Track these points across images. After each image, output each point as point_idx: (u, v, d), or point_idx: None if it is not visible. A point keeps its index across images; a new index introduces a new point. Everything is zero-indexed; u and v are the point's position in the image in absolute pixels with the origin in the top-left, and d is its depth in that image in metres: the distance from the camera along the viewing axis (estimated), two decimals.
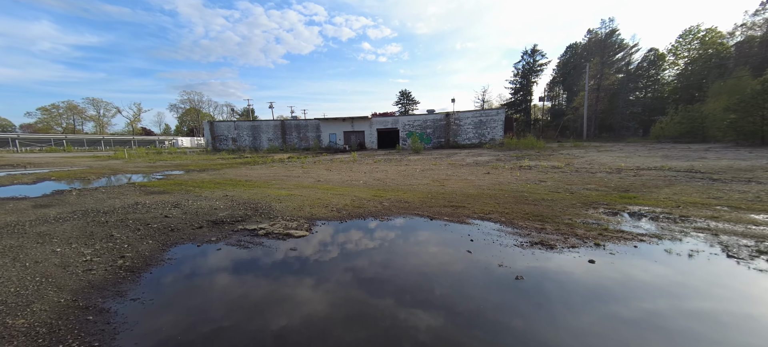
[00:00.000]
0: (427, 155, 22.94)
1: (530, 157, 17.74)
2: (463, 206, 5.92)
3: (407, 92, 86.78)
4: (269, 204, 6.51)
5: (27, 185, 10.88)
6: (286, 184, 10.04)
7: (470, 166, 14.42)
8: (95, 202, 7.36)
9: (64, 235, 4.61)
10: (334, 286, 3.07)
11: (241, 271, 3.44)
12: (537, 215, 5.17)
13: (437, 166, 14.88)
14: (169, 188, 9.40)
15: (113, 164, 20.43)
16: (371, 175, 12.04)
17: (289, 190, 8.67)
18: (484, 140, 32.82)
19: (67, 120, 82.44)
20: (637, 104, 38.22)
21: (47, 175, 13.87)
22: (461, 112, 35.08)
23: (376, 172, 13.10)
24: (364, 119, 40.74)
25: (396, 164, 16.48)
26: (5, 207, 6.86)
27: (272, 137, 46.37)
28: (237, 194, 7.98)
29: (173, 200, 7.36)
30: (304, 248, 4.00)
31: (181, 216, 5.67)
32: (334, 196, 7.45)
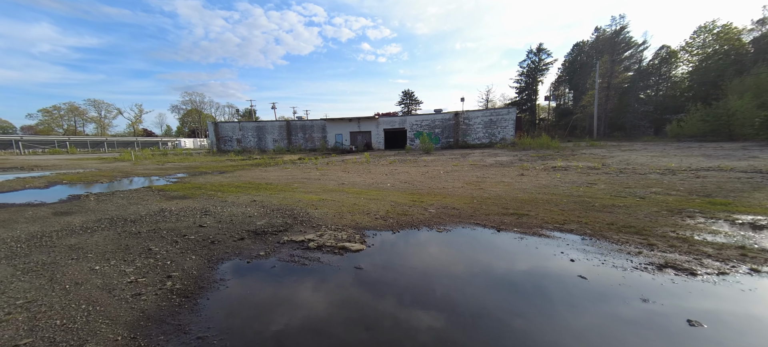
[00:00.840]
0: (439, 156, 22.51)
1: (553, 157, 17.24)
2: (525, 213, 5.46)
3: (410, 92, 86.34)
4: (305, 211, 6.09)
5: (40, 190, 10.48)
6: (309, 187, 9.62)
7: (495, 167, 13.98)
8: (117, 209, 6.96)
9: (98, 249, 4.20)
10: (434, 320, 2.63)
11: (308, 297, 3.00)
12: (626, 227, 4.63)
13: (459, 167, 14.45)
14: (190, 193, 8.99)
15: (122, 167, 20.05)
16: (394, 177, 11.62)
17: (317, 194, 8.25)
18: (494, 140, 32.35)
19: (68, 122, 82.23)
20: (648, 102, 37.54)
21: (58, 178, 13.49)
22: (470, 111, 34.62)
23: (398, 174, 12.68)
24: (370, 119, 40.32)
25: (413, 165, 16.05)
26: (25, 215, 6.46)
27: (277, 138, 45.99)
28: (265, 200, 7.56)
29: (199, 206, 6.95)
30: (369, 267, 3.56)
31: (216, 225, 5.26)
32: (369, 201, 7.03)
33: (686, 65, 37.19)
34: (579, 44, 57.69)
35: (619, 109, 41.01)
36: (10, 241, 4.63)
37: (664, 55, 39.16)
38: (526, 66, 67.68)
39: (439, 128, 35.79)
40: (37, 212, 6.80)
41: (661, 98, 36.31)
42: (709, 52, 33.95)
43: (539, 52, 64.95)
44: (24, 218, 6.17)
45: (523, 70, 68.25)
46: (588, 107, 40.43)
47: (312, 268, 3.57)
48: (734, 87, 26.61)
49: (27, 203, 7.92)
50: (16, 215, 6.52)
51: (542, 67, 65.35)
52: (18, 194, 9.58)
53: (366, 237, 4.49)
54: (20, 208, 7.27)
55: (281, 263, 3.74)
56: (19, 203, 7.92)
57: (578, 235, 4.32)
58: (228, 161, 23.63)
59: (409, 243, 4.30)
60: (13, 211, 6.90)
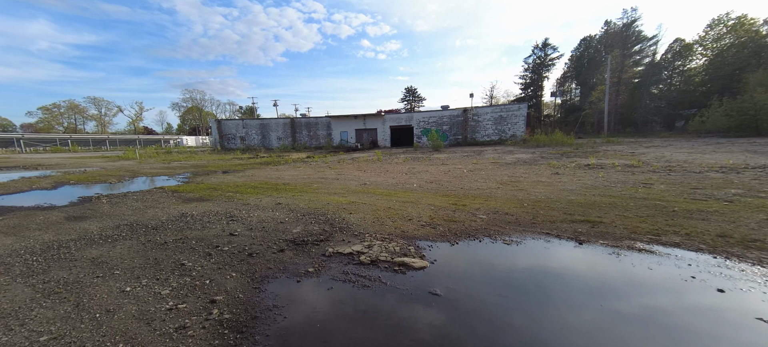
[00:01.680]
0: (451, 153, 21.97)
1: (576, 154, 16.59)
2: (597, 220, 4.89)
3: (413, 89, 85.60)
4: (340, 216, 5.61)
5: (48, 191, 10.02)
6: (331, 188, 9.14)
7: (519, 165, 13.41)
8: (134, 213, 6.49)
9: (124, 263, 3.72)
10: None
11: (390, 337, 2.49)
12: (750, 240, 3.89)
13: (481, 165, 13.91)
14: (207, 194, 8.52)
15: (127, 166, 19.60)
16: (416, 176, 11.11)
17: (343, 196, 7.77)
18: (504, 137, 31.77)
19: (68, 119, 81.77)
20: (660, 97, 36.73)
21: (64, 178, 13.03)
22: (479, 107, 34.00)
23: (418, 173, 12.16)
24: (376, 116, 39.75)
25: (430, 164, 15.53)
26: (36, 220, 5.99)
27: (282, 136, 45.46)
28: (290, 202, 7.08)
29: (222, 210, 6.48)
30: (446, 293, 2.98)
31: (248, 234, 4.78)
32: (404, 204, 6.54)
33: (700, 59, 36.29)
34: (586, 39, 56.82)
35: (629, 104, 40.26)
36: (24, 253, 4.16)
37: (677, 49, 38.19)
38: (531, 62, 66.84)
39: (446, 124, 35.20)
40: (48, 216, 6.33)
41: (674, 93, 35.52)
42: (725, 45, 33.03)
43: (545, 47, 64.07)
44: (35, 224, 5.71)
45: (528, 66, 67.43)
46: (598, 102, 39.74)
47: (376, 291, 3.08)
48: (758, 79, 25.46)
49: (36, 207, 7.46)
50: (26, 220, 6.06)
51: (548, 62, 64.51)
52: (25, 196, 9.12)
53: (422, 250, 3.98)
54: (30, 212, 6.80)
55: (337, 283, 3.25)
56: (27, 207, 7.46)
57: (691, 250, 3.71)
58: (235, 160, 23.16)
59: (479, 259, 3.76)
60: (22, 216, 6.44)
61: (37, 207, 7.39)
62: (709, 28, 36.15)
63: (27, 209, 7.21)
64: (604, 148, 19.25)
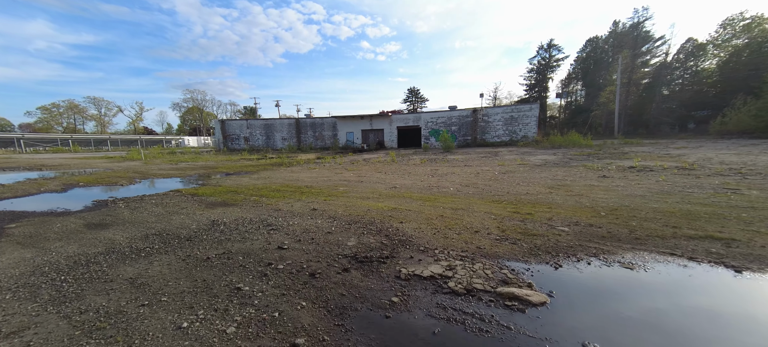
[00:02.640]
0: (465, 154, 21.41)
1: (603, 156, 15.86)
2: (726, 237, 4.13)
3: (415, 90, 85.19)
4: (392, 226, 5.05)
5: (58, 194, 9.46)
6: (359, 191, 8.58)
7: (553, 167, 12.66)
8: (158, 219, 5.93)
9: (169, 286, 3.17)
10: None
11: None
12: None
13: (509, 167, 13.30)
14: (230, 198, 7.97)
15: (133, 166, 19.03)
16: (446, 179, 10.53)
17: (380, 201, 7.22)
18: (515, 138, 31.25)
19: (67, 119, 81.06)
20: (673, 98, 36.10)
21: (73, 180, 12.46)
22: (489, 107, 33.52)
23: (445, 175, 11.59)
24: (383, 117, 39.24)
25: (451, 165, 14.96)
26: (53, 228, 5.43)
27: (286, 137, 44.91)
28: (325, 208, 6.53)
29: (255, 217, 5.93)
30: (606, 345, 2.32)
31: (297, 247, 4.23)
32: (457, 212, 5.99)
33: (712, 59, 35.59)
34: (592, 40, 56.41)
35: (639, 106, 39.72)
36: (50, 271, 3.60)
37: (690, 49, 37.65)
38: (535, 62, 66.43)
39: (455, 125, 34.69)
40: (66, 223, 5.77)
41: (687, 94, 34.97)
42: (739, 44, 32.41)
43: (550, 48, 63.60)
44: (54, 233, 5.15)
45: (533, 67, 66.99)
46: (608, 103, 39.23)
47: (504, 341, 2.39)
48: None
49: (50, 212, 6.90)
50: (43, 227, 5.50)
51: (553, 63, 64.03)
52: (36, 200, 8.55)
53: (522, 275, 3.32)
54: (45, 218, 6.24)
55: (438, 322, 2.62)
56: (41, 212, 6.89)
57: None
58: (243, 161, 22.60)
59: (609, 292, 3.05)
60: (37, 222, 5.88)
61: (51, 212, 6.83)
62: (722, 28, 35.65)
63: (40, 214, 6.65)
64: (628, 149, 18.62)
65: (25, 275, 3.51)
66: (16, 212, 6.85)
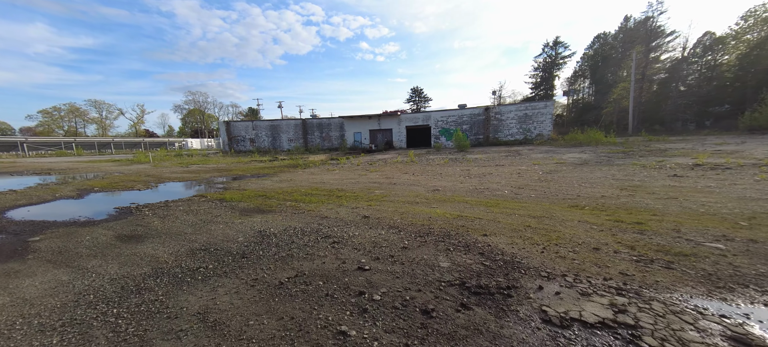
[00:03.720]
0: (483, 153, 20.74)
1: (642, 154, 14.87)
2: None
3: (419, 89, 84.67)
4: (477, 240, 4.34)
5: (75, 201, 8.86)
6: (401, 195, 7.95)
7: (597, 166, 11.93)
8: (195, 230, 5.32)
9: (252, 327, 2.55)
10: None
11: None
12: None
13: (552, 167, 12.53)
14: (262, 204, 7.35)
15: (143, 170, 18.45)
16: (486, 180, 9.88)
17: (433, 206, 6.60)
18: (529, 136, 30.57)
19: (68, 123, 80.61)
20: (690, 94, 35.17)
21: (87, 185, 11.87)
22: (503, 105, 32.84)
23: (484, 176, 10.91)
24: (392, 116, 38.61)
25: (481, 165, 14.27)
26: (82, 241, 4.82)
27: (293, 138, 44.31)
28: (378, 215, 5.91)
29: (304, 226, 5.32)
30: None
31: (380, 268, 3.60)
32: (542, 220, 5.31)
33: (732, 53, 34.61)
34: (600, 36, 55.72)
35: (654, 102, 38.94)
36: (96, 300, 2.99)
37: (707, 43, 36.82)
38: (541, 60, 65.80)
39: (467, 124, 34.03)
40: (95, 235, 5.16)
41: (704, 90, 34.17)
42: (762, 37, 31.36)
43: (556, 45, 62.99)
44: (85, 247, 4.54)
45: (539, 65, 66.36)
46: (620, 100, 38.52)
47: None
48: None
49: (72, 221, 6.29)
50: (70, 240, 4.90)
51: (559, 61, 63.42)
52: (53, 208, 7.95)
53: (742, 324, 2.46)
54: (69, 229, 5.63)
55: None
56: (63, 221, 6.29)
57: None
58: (254, 163, 22.01)
59: None
60: (63, 234, 5.27)
61: (74, 222, 6.23)
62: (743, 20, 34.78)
63: (64, 224, 6.05)
64: (660, 146, 17.79)
65: (68, 307, 2.89)
66: (37, 222, 6.25)
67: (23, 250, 4.58)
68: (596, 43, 56.58)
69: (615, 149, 17.50)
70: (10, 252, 4.49)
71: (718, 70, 34.40)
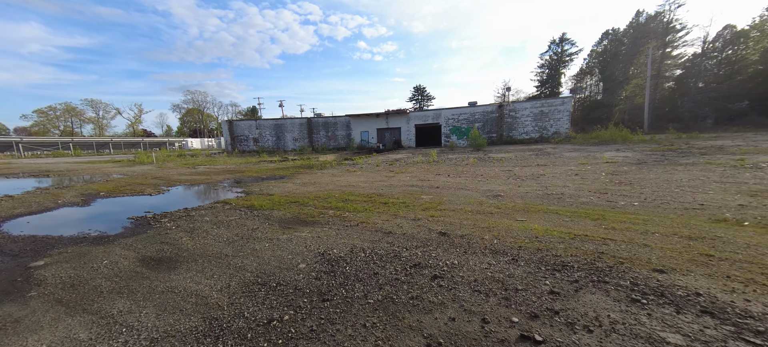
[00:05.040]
0: (506, 153, 19.72)
1: (692, 153, 13.47)
2: None
3: (422, 87, 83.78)
4: (667, 283, 3.12)
5: (80, 209, 7.80)
6: (456, 201, 6.94)
7: (658, 166, 10.78)
8: (237, 250, 4.30)
9: None
10: None
11: None
12: None
13: (611, 168, 11.56)
14: (300, 213, 6.32)
15: (148, 171, 17.36)
16: (543, 182, 8.84)
17: (518, 217, 5.59)
18: (545, 134, 29.58)
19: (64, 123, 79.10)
20: (711, 90, 33.98)
21: (91, 189, 10.79)
22: (517, 102, 31.87)
23: (537, 178, 9.87)
24: (400, 114, 37.58)
25: (519, 165, 13.18)
26: (99, 267, 3.78)
27: (298, 137, 43.21)
28: (456, 230, 4.90)
29: (370, 246, 4.31)
30: None
31: (551, 335, 2.59)
32: (701, 242, 4.21)
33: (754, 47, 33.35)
34: (609, 32, 54.77)
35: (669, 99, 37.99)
36: None
37: (727, 37, 35.83)
38: (547, 57, 64.92)
39: (479, 121, 33.03)
40: (112, 257, 4.12)
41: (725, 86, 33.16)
42: None
43: (562, 42, 62.08)
44: (103, 278, 3.51)
45: (544, 62, 65.47)
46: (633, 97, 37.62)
47: None
48: None
49: (82, 237, 5.24)
50: (84, 267, 3.86)
51: (565, 58, 62.53)
52: (56, 218, 6.89)
53: None
54: (80, 248, 4.58)
55: None
56: (70, 237, 5.24)
57: None
58: (264, 164, 20.96)
59: None
60: (73, 256, 4.22)
61: (84, 238, 5.18)
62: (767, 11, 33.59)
63: (72, 241, 5.00)
64: (710, 143, 16.54)
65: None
66: (39, 238, 5.20)
67: (24, 282, 3.55)
68: (604, 40, 55.64)
69: (656, 147, 16.41)
70: (7, 286, 3.45)
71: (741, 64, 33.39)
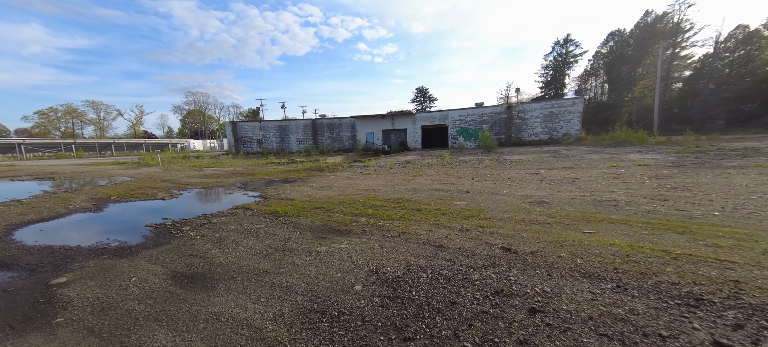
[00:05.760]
0: (520, 155, 19.27)
1: (727, 156, 13.13)
2: None
3: (424, 89, 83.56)
4: None
5: (93, 214, 7.39)
6: (494, 209, 6.54)
7: (700, 169, 10.30)
8: (276, 266, 3.90)
9: None
10: None
11: None
12: None
13: (637, 170, 11.17)
14: (330, 220, 5.92)
15: (155, 174, 16.99)
16: (591, 187, 8.40)
17: (581, 230, 5.17)
18: (555, 136, 29.17)
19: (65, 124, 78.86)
20: (721, 90, 33.56)
21: (101, 193, 10.39)
22: (526, 103, 31.55)
23: (576, 183, 9.46)
24: (406, 115, 37.22)
25: (546, 168, 12.71)
26: (128, 286, 3.37)
27: (302, 138, 42.85)
28: (518, 246, 4.50)
29: (422, 263, 3.91)
30: None
31: None
32: None
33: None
34: (615, 33, 54.48)
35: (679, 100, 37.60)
36: None
37: (740, 37, 35.46)
38: (551, 59, 64.63)
39: (487, 123, 32.64)
40: (140, 274, 3.72)
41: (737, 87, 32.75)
42: None
43: (566, 43, 61.84)
44: (136, 300, 3.11)
45: (548, 63, 65.20)
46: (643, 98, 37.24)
47: None
48: None
49: (101, 247, 4.84)
50: (111, 285, 3.45)
51: (570, 59, 62.27)
52: (69, 225, 6.49)
53: None
54: (102, 262, 4.17)
55: None
56: (88, 247, 4.84)
57: None
58: (272, 166, 20.58)
59: None
60: (97, 271, 3.82)
61: (104, 248, 4.78)
62: None
63: (92, 252, 4.59)
64: (739, 145, 15.95)
65: None
66: (56, 249, 4.79)
67: (47, 304, 3.15)
68: (610, 41, 55.36)
69: (681, 149, 15.81)
70: (29, 310, 3.05)
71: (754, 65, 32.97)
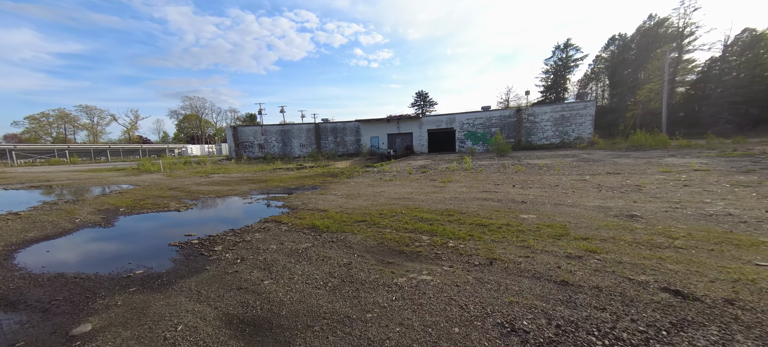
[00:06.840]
0: (540, 159, 18.61)
1: None
2: None
3: (424, 93, 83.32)
4: None
5: (104, 230, 6.51)
6: (582, 225, 5.79)
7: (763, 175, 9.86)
8: (355, 306, 3.11)
9: None
10: None
11: None
12: None
13: (700, 177, 10.50)
14: (385, 239, 5.13)
15: (161, 181, 16.05)
16: (679, 196, 7.65)
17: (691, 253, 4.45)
18: (566, 140, 28.67)
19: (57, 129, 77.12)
20: (730, 94, 33.42)
21: (107, 203, 9.48)
22: (537, 106, 31.07)
23: (637, 190, 8.73)
24: (412, 119, 36.64)
25: (588, 173, 11.95)
26: (174, 341, 2.57)
27: (305, 143, 41.98)
28: (668, 281, 3.76)
29: (569, 315, 3.15)
30: None
31: None
32: None
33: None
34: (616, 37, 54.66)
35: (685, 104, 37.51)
36: None
37: (747, 40, 35.50)
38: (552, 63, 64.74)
39: (495, 126, 32.10)
40: (185, 319, 2.90)
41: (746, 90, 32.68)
42: None
43: (567, 47, 61.99)
44: None
45: (549, 68, 65.29)
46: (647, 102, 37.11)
47: None
48: None
49: (125, 276, 4.00)
50: (152, 340, 2.63)
51: (570, 63, 62.39)
52: (79, 244, 5.61)
53: None
54: (131, 298, 3.34)
55: None
56: (109, 277, 3.99)
57: None
58: (281, 171, 19.70)
59: None
60: (128, 314, 2.98)
61: (128, 276, 3.94)
62: None
63: (114, 283, 3.75)
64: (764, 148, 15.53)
65: None
66: (70, 279, 3.94)
67: None
68: (611, 45, 55.49)
69: (719, 153, 15.16)
70: None
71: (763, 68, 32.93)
